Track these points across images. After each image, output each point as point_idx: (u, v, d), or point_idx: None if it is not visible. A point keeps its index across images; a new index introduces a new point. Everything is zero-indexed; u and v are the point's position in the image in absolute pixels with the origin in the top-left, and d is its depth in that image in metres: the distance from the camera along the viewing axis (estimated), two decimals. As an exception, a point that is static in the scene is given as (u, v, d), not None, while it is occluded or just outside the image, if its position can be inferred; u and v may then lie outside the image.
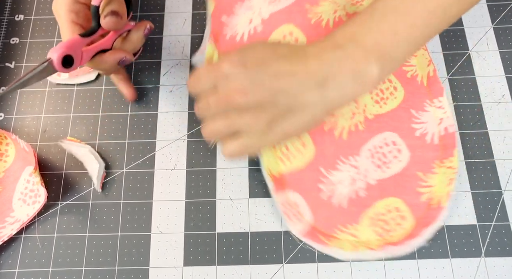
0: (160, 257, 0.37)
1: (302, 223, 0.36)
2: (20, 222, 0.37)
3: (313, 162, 0.38)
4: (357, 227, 0.36)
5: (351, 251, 0.35)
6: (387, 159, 0.38)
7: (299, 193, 0.37)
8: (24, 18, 0.46)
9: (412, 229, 0.36)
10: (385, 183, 0.37)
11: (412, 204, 0.36)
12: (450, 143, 0.38)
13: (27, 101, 0.42)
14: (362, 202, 0.37)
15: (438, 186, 0.37)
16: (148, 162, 0.40)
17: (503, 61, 0.42)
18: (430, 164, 0.37)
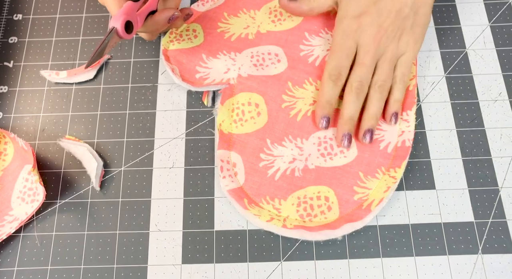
0: (159, 255, 0.37)
1: (233, 183, 0.37)
2: (18, 221, 0.37)
3: (261, 131, 0.39)
4: (282, 202, 0.37)
5: (265, 222, 0.36)
6: (333, 151, 0.38)
7: (240, 156, 0.38)
8: (23, 17, 0.46)
9: (333, 222, 0.36)
10: (323, 171, 0.38)
11: (342, 199, 0.37)
12: (402, 155, 0.38)
13: (25, 100, 0.42)
14: (295, 182, 0.38)
15: (374, 190, 0.37)
16: (147, 161, 0.40)
17: (500, 59, 0.42)
18: (374, 168, 0.38)
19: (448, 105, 0.41)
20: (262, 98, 0.40)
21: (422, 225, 0.37)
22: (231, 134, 0.39)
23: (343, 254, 0.36)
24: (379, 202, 0.36)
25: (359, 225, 0.36)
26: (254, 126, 0.39)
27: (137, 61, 0.44)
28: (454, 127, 0.40)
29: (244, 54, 0.42)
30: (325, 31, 0.43)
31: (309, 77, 0.41)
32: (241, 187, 0.37)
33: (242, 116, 0.40)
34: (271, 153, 0.39)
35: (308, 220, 0.36)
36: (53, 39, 0.45)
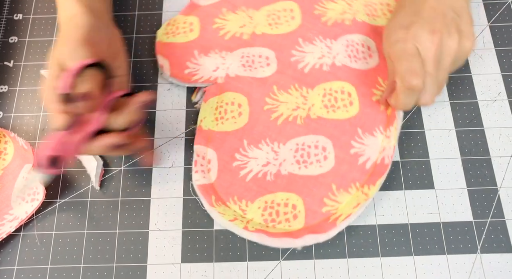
0: (158, 254, 0.37)
1: (204, 178, 0.37)
2: (18, 220, 0.37)
3: (240, 131, 0.39)
4: (249, 204, 0.37)
5: (228, 221, 0.36)
6: (309, 159, 0.38)
7: (216, 153, 0.39)
8: (23, 17, 0.46)
9: (295, 231, 0.36)
10: (295, 178, 0.38)
11: (310, 209, 0.36)
12: (379, 172, 0.37)
13: (25, 100, 0.42)
14: (265, 186, 0.38)
15: (344, 205, 0.36)
16: (147, 160, 0.40)
17: (499, 59, 0.43)
18: (348, 183, 0.37)
19: (447, 104, 0.41)
20: (246, 99, 0.40)
21: (421, 224, 0.37)
22: (211, 131, 0.39)
23: (342, 253, 0.36)
24: (346, 217, 0.35)
25: (322, 238, 0.35)
26: (234, 125, 0.40)
27: (137, 61, 0.44)
28: (453, 127, 0.40)
29: (235, 54, 0.42)
30: (320, 39, 0.43)
31: (296, 83, 0.41)
32: (212, 183, 0.38)
33: (224, 115, 0.40)
34: (246, 154, 0.39)
35: (271, 225, 0.36)
36: (53, 39, 0.45)
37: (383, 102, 0.39)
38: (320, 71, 0.41)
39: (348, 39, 0.42)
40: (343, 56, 0.42)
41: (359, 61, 0.41)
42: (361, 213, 0.37)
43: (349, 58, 0.41)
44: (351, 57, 0.42)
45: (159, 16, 0.46)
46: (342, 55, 0.42)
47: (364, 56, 0.42)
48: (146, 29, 0.45)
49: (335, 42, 0.42)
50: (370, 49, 0.42)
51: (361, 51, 0.42)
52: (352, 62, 0.41)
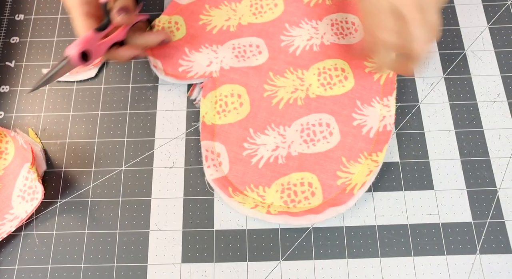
0: (159, 254, 0.37)
1: (217, 172, 0.38)
2: (19, 219, 0.37)
3: (244, 121, 0.40)
4: (266, 189, 0.38)
5: (249, 209, 0.36)
6: (315, 137, 0.39)
7: (224, 146, 0.39)
8: (24, 17, 0.46)
9: (316, 207, 0.37)
10: (305, 157, 0.39)
11: (325, 184, 0.38)
12: (383, 139, 0.39)
13: (27, 100, 0.43)
14: (279, 169, 0.38)
15: (357, 175, 0.38)
16: (147, 160, 0.40)
17: (498, 61, 0.43)
18: (357, 154, 0.38)
19: (446, 106, 0.41)
20: (244, 89, 0.41)
21: (421, 225, 0.37)
22: (214, 125, 0.40)
23: (342, 253, 0.36)
24: (362, 186, 0.37)
25: (342, 209, 0.36)
26: (237, 116, 0.40)
27: (138, 61, 0.44)
28: (452, 128, 0.40)
29: (226, 46, 0.42)
30: (305, 22, 0.44)
31: (290, 67, 0.42)
32: (226, 176, 0.38)
33: (225, 107, 0.40)
34: (254, 142, 0.39)
35: (292, 206, 0.37)
36: (55, 39, 0.45)
37: (375, 70, 0.41)
38: (311, 52, 0.42)
39: (332, 18, 0.44)
40: (330, 35, 0.43)
41: (346, 37, 0.43)
42: (363, 209, 0.37)
43: (336, 36, 0.43)
44: (338, 34, 0.43)
45: (160, 17, 0.46)
46: (329, 34, 0.43)
47: (350, 31, 0.43)
48: (147, 30, 0.45)
49: (320, 23, 0.43)
50: (355, 24, 0.43)
51: (346, 28, 0.43)
52: (340, 39, 0.43)
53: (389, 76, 0.41)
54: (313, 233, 0.37)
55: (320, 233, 0.37)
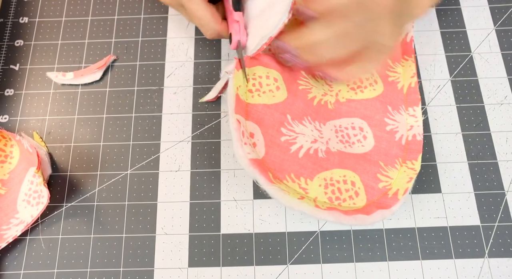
0: (165, 259, 0.37)
1: (253, 152, 0.33)
2: (24, 224, 0.37)
3: (281, 105, 0.36)
4: (309, 182, 0.34)
5: (297, 199, 0.32)
6: (350, 140, 0.37)
7: (258, 127, 0.35)
8: (29, 20, 0.46)
9: (363, 207, 0.34)
10: (346, 156, 0.36)
11: (368, 185, 0.35)
12: (416, 149, 0.37)
13: (31, 103, 0.42)
14: (320, 163, 0.35)
15: (397, 180, 0.35)
16: (153, 164, 0.40)
17: (505, 63, 0.43)
18: (393, 159, 0.36)
19: (453, 108, 0.41)
20: (280, 75, 0.37)
21: (428, 228, 0.37)
22: (246, 103, 0.35)
23: (350, 257, 0.36)
24: (405, 192, 0.34)
25: (388, 214, 0.33)
26: (273, 99, 0.36)
27: (143, 64, 0.44)
28: (459, 131, 0.40)
29: None
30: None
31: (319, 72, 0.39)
32: (263, 159, 0.34)
33: (260, 87, 0.36)
34: (292, 129, 0.36)
35: (337, 204, 0.34)
36: (59, 42, 0.45)
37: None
38: None
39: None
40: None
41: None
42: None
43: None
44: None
45: (164, 19, 0.46)
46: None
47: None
48: (152, 33, 0.45)
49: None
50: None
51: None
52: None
53: (411, 85, 0.40)
54: (321, 237, 0.37)
55: (328, 236, 0.37)
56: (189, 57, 0.44)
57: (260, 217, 0.38)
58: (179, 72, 0.43)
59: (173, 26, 0.45)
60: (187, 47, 0.44)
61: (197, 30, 0.45)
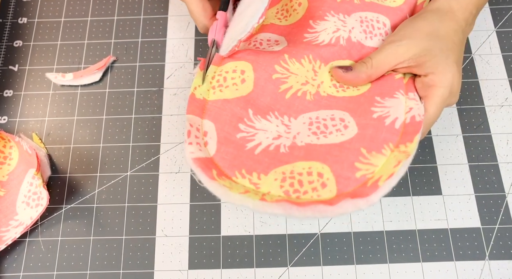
0: (165, 261, 0.37)
1: (201, 151, 0.31)
2: (23, 226, 0.37)
3: (242, 100, 0.34)
4: (262, 177, 0.31)
5: (237, 194, 0.29)
6: (327, 130, 0.33)
7: (213, 124, 0.33)
8: (28, 21, 0.46)
9: (329, 199, 0.29)
10: (315, 148, 0.32)
11: (340, 176, 0.30)
12: (412, 130, 0.32)
13: (30, 104, 0.42)
14: (279, 157, 0.32)
15: (382, 167, 0.30)
16: (153, 165, 0.40)
17: (506, 65, 0.42)
18: (381, 144, 0.31)
19: (454, 110, 0.41)
20: (250, 65, 0.35)
21: (429, 230, 0.37)
22: (206, 101, 0.34)
23: (350, 259, 0.36)
24: (389, 177, 0.29)
25: (363, 204, 0.28)
26: (236, 92, 0.34)
27: (143, 65, 0.44)
28: (460, 133, 0.40)
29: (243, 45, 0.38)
30: (331, 14, 0.38)
31: (310, 54, 0.36)
32: (211, 158, 0.32)
33: (223, 82, 0.34)
34: (252, 125, 0.33)
35: (295, 197, 0.30)
36: (58, 43, 0.45)
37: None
38: (336, 45, 0.36)
39: (362, 15, 0.38)
40: (359, 31, 0.37)
41: (374, 37, 0.37)
42: (371, 214, 0.37)
43: (364, 34, 0.37)
44: (367, 33, 0.37)
45: (164, 20, 0.45)
46: (358, 30, 0.37)
47: (381, 32, 0.37)
48: (151, 33, 0.45)
49: (348, 17, 0.37)
50: (386, 25, 0.37)
51: (377, 27, 0.37)
52: (367, 39, 0.37)
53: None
54: (321, 239, 0.37)
55: (328, 239, 0.37)
56: (189, 58, 0.44)
57: (260, 219, 0.38)
58: (179, 73, 0.43)
59: (173, 27, 0.45)
60: (187, 48, 0.44)
61: (197, 31, 0.45)
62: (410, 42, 0.33)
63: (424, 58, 0.32)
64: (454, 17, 0.34)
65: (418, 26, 0.34)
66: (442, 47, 0.33)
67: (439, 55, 0.32)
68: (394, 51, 0.33)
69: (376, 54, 0.34)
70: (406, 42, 0.33)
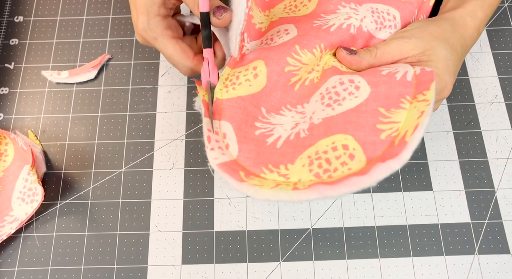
0: (159, 256, 0.37)
1: (224, 155, 0.31)
2: (19, 221, 0.37)
3: (257, 96, 0.34)
4: (290, 166, 0.30)
5: (269, 189, 0.28)
6: (340, 96, 0.32)
7: (230, 124, 0.33)
8: (24, 19, 0.46)
9: (361, 169, 0.28)
10: (332, 120, 0.31)
11: (365, 142, 0.29)
12: (427, 79, 0.30)
13: (26, 101, 0.43)
14: (301, 143, 0.31)
15: (405, 122, 0.29)
16: (147, 162, 0.40)
17: (495, 62, 0.43)
18: (397, 99, 0.30)
19: (445, 107, 0.41)
20: (262, 61, 0.34)
21: (419, 226, 0.37)
22: (220, 100, 0.33)
23: (342, 254, 0.37)
24: (414, 130, 0.27)
25: (396, 164, 0.26)
26: (249, 89, 0.33)
27: (137, 63, 0.44)
28: (451, 129, 0.41)
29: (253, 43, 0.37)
30: (342, 6, 0.38)
31: (322, 43, 0.35)
32: (235, 160, 0.31)
33: (236, 81, 0.34)
34: (268, 121, 0.33)
35: (326, 176, 0.29)
36: (54, 41, 0.45)
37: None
38: (347, 32, 0.35)
39: (373, 7, 0.37)
40: (370, 21, 0.36)
41: (384, 29, 0.36)
42: (362, 210, 0.37)
43: (375, 24, 0.36)
44: (378, 23, 0.36)
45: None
46: (369, 20, 0.36)
47: (390, 24, 0.37)
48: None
49: (360, 7, 0.37)
50: (395, 18, 0.37)
51: (388, 19, 0.37)
52: (376, 30, 0.36)
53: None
54: (313, 234, 0.37)
55: (320, 234, 0.37)
56: (183, 56, 0.44)
57: (253, 215, 0.38)
58: (174, 71, 0.43)
59: (167, 25, 0.45)
60: (182, 46, 0.44)
61: (191, 29, 0.45)
62: (419, 41, 0.33)
63: (428, 58, 0.33)
64: (465, 33, 0.35)
65: (431, 29, 0.34)
66: (447, 54, 0.33)
67: (442, 61, 0.33)
68: (400, 46, 0.34)
69: (382, 45, 0.34)
70: (414, 41, 0.33)
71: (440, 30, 0.34)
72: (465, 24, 0.35)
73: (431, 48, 0.33)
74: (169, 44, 0.34)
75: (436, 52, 0.33)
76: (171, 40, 0.34)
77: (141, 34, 0.34)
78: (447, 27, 0.34)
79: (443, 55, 0.33)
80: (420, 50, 0.33)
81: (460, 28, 0.35)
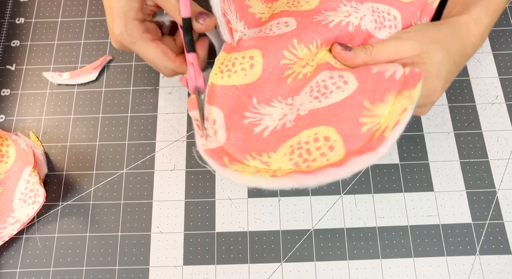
0: (160, 257, 0.37)
1: (211, 142, 0.32)
2: (20, 222, 0.37)
3: (250, 87, 0.34)
4: (272, 155, 0.31)
5: (249, 175, 0.29)
6: (328, 90, 0.33)
7: (222, 111, 0.33)
8: (25, 21, 0.46)
9: (338, 161, 0.29)
10: (318, 112, 0.32)
11: (347, 134, 0.30)
12: (414, 79, 0.30)
13: (27, 103, 0.43)
14: (286, 132, 0.32)
15: (387, 116, 0.29)
16: (148, 163, 0.40)
17: (496, 63, 0.43)
18: (383, 93, 0.30)
19: (446, 108, 0.42)
20: (259, 51, 0.35)
21: (421, 226, 0.37)
22: (214, 86, 0.34)
23: (343, 255, 0.37)
24: (395, 126, 0.28)
25: (371, 158, 0.27)
26: (244, 78, 0.34)
27: (139, 64, 0.44)
28: (451, 130, 0.41)
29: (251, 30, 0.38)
30: (343, 4, 0.38)
31: (318, 39, 0.35)
32: (222, 146, 0.32)
33: (232, 67, 0.34)
34: (257, 111, 0.34)
35: (305, 166, 0.29)
36: (55, 43, 0.45)
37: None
38: (345, 30, 0.36)
39: (374, 6, 0.38)
40: (370, 20, 0.36)
41: (383, 28, 0.37)
42: (363, 211, 0.37)
43: (375, 23, 0.36)
44: (377, 23, 0.36)
45: (160, 20, 0.46)
46: (369, 19, 0.36)
47: (390, 24, 0.37)
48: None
49: (361, 5, 0.37)
50: (396, 19, 0.37)
51: (388, 19, 0.37)
52: (376, 29, 0.36)
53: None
54: (314, 235, 0.37)
55: (321, 234, 0.37)
56: (184, 57, 0.44)
57: (254, 216, 0.38)
58: (175, 72, 0.43)
59: (168, 26, 0.45)
60: (183, 48, 0.45)
61: (192, 30, 0.45)
62: (416, 43, 0.33)
63: (421, 60, 0.33)
64: (467, 40, 0.34)
65: (431, 33, 0.34)
66: (442, 59, 0.33)
67: (435, 65, 0.33)
68: (397, 47, 0.34)
69: (379, 44, 0.34)
70: (411, 42, 0.33)
71: (441, 34, 0.34)
72: (468, 31, 0.34)
73: (427, 51, 0.33)
74: (149, 47, 0.33)
75: (431, 56, 0.33)
76: (151, 43, 0.33)
77: (118, 39, 0.33)
78: (448, 31, 0.34)
79: (438, 59, 0.33)
80: (416, 52, 0.33)
81: (463, 34, 0.34)
